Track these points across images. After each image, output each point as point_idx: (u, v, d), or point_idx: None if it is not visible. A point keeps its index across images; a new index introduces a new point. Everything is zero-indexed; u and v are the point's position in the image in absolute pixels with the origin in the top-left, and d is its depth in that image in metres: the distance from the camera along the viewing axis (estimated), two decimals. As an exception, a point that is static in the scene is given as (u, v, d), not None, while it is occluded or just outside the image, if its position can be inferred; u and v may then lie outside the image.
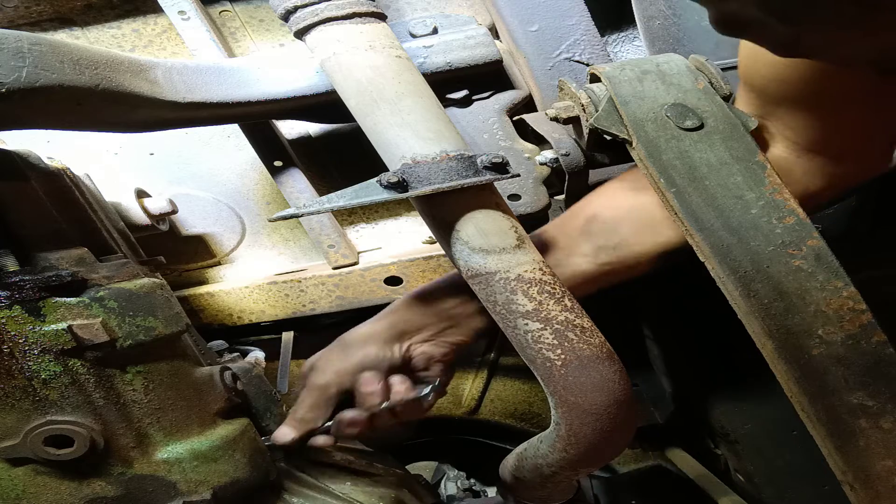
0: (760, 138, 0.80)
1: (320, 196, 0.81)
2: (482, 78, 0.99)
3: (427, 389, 0.78)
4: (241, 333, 1.14)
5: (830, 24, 0.47)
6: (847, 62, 0.61)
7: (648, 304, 1.18)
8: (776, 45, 0.54)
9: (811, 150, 0.78)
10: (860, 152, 0.80)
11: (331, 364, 0.79)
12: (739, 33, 0.53)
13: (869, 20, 0.46)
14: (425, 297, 0.81)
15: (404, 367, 0.80)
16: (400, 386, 0.78)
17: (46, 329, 0.63)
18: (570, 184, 0.93)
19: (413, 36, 0.97)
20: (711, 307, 0.76)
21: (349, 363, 0.78)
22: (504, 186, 0.93)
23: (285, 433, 0.79)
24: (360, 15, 0.74)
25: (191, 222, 1.18)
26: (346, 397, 0.80)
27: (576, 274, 0.82)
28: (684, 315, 1.11)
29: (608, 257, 0.82)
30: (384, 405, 0.77)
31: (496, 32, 1.07)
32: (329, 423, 0.79)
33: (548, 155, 0.94)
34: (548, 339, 0.67)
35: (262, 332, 1.16)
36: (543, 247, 0.81)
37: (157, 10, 1.04)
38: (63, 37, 1.08)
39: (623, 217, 0.82)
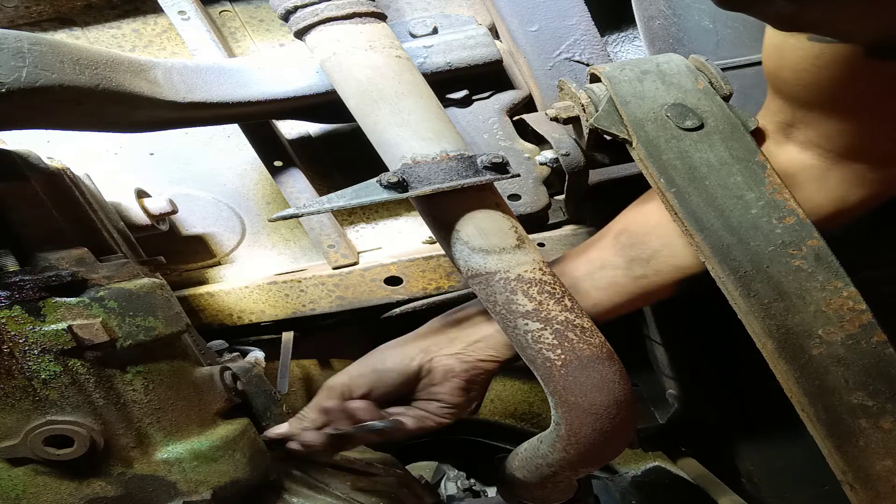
0: (791, 148, 0.77)
1: (320, 196, 0.81)
2: (482, 78, 0.99)
3: (380, 424, 0.75)
4: (241, 333, 1.14)
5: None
6: (850, 38, 0.60)
7: (650, 305, 1.18)
8: (778, 20, 0.53)
9: (847, 156, 0.75)
10: None
11: (350, 368, 0.80)
12: (741, 7, 0.52)
13: None
14: (458, 315, 0.80)
15: (420, 380, 0.79)
16: (362, 412, 0.77)
17: (46, 329, 0.63)
18: (570, 184, 0.93)
19: (413, 36, 0.97)
20: (711, 307, 0.76)
21: (364, 368, 0.79)
22: (504, 186, 0.93)
23: (276, 428, 0.80)
24: (360, 15, 0.74)
25: (191, 222, 1.18)
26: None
27: (612, 287, 0.79)
28: (684, 315, 1.11)
29: (643, 270, 0.79)
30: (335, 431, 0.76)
31: (496, 32, 1.07)
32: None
33: (548, 155, 0.94)
34: (548, 339, 0.67)
35: (262, 332, 1.16)
36: (574, 263, 0.80)
37: (157, 10, 1.04)
38: (63, 37, 1.08)
39: (652, 229, 0.79)
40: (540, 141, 0.98)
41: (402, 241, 1.17)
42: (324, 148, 1.14)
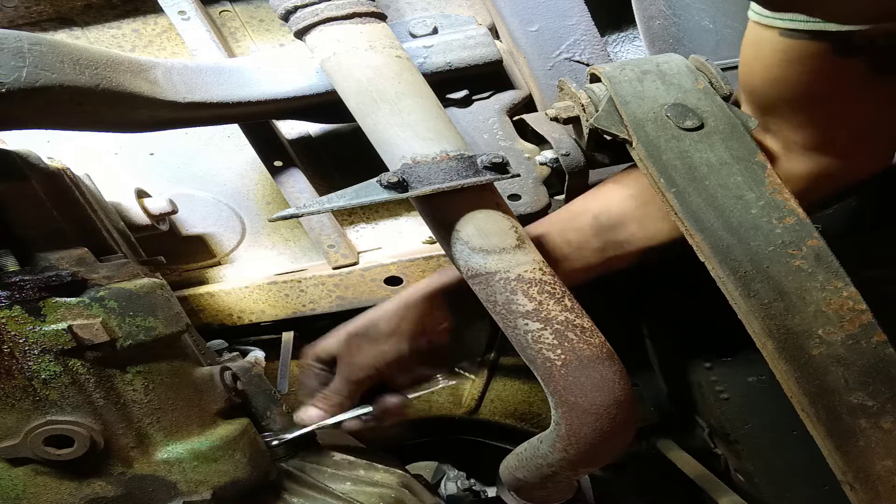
0: (761, 140, 0.80)
1: (320, 196, 0.81)
2: (482, 78, 0.99)
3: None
4: (241, 333, 1.14)
5: None
6: (842, 19, 0.61)
7: (648, 305, 1.18)
8: (769, 1, 0.53)
9: (812, 149, 0.78)
10: (861, 150, 0.80)
11: (369, 358, 0.81)
12: None
13: None
14: (445, 291, 0.82)
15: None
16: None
17: (46, 329, 0.63)
18: (570, 184, 0.93)
19: (413, 36, 0.97)
20: (711, 307, 0.76)
21: (385, 359, 0.81)
22: (504, 186, 0.93)
23: (316, 414, 0.82)
24: (360, 15, 0.74)
25: (191, 222, 1.17)
26: None
27: (581, 268, 0.83)
28: (684, 315, 1.11)
29: (615, 251, 0.84)
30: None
31: (496, 32, 1.07)
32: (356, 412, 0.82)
33: (548, 155, 0.94)
34: (548, 339, 0.67)
35: (262, 332, 1.16)
36: (552, 243, 0.83)
37: (157, 10, 1.04)
38: (63, 37, 1.08)
39: (631, 212, 0.83)
40: (540, 141, 0.98)
41: (402, 241, 1.17)
42: (324, 148, 1.14)
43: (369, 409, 0.83)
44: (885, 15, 0.55)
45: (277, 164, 1.07)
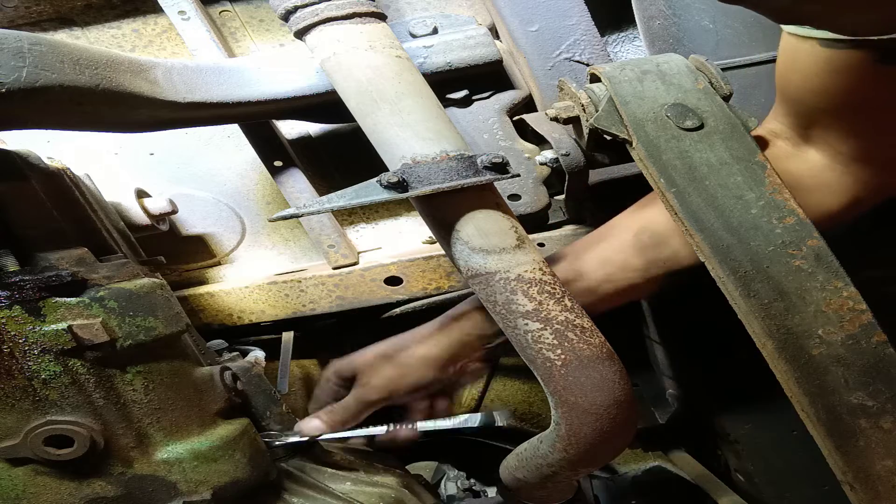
0: (803, 149, 0.79)
1: (320, 196, 0.81)
2: (482, 78, 0.99)
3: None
4: (241, 333, 1.14)
5: None
6: (847, 32, 0.60)
7: (649, 304, 1.18)
8: (776, 13, 0.53)
9: (860, 159, 0.76)
10: None
11: (385, 381, 0.80)
12: (740, 1, 0.52)
13: None
14: (478, 318, 0.81)
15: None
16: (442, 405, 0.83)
17: (46, 329, 0.63)
18: (570, 184, 0.93)
19: (413, 36, 0.97)
20: (711, 307, 0.76)
21: (404, 385, 0.80)
22: (504, 186, 0.93)
23: (314, 426, 0.81)
24: (360, 15, 0.74)
25: (191, 222, 1.17)
26: None
27: (627, 288, 0.81)
28: (685, 315, 1.11)
29: (658, 270, 0.81)
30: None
31: (496, 32, 1.07)
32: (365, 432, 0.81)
33: (548, 155, 0.94)
34: (548, 339, 0.67)
35: (262, 332, 1.16)
36: (589, 264, 0.81)
37: (157, 10, 1.04)
38: (63, 37, 1.08)
39: (673, 229, 0.80)
40: (540, 141, 0.98)
41: (402, 241, 1.17)
42: (324, 148, 1.14)
43: (380, 432, 0.80)
44: (893, 27, 0.55)
45: (277, 164, 1.07)
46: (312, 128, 1.14)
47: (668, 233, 0.80)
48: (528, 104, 1.04)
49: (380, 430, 0.80)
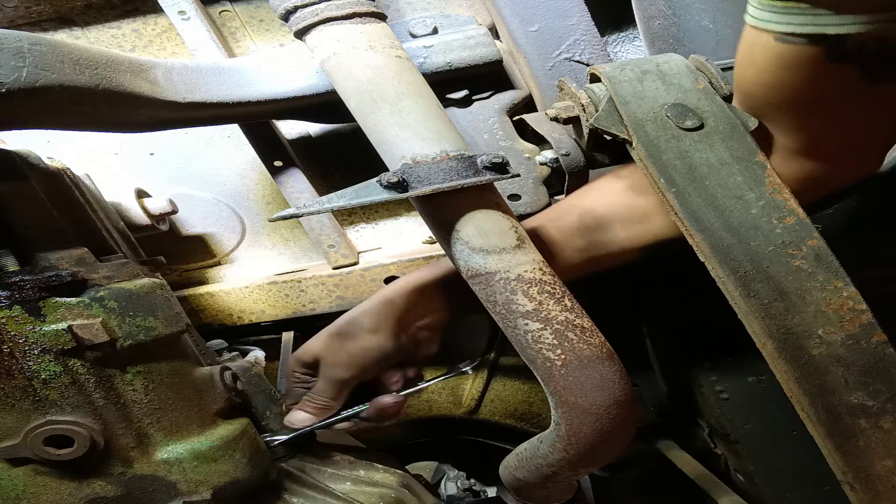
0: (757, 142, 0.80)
1: (320, 196, 0.81)
2: (482, 78, 0.99)
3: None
4: (241, 333, 1.14)
5: None
6: (846, 8, 0.61)
7: (649, 304, 1.18)
8: None
9: (801, 153, 0.79)
10: (849, 155, 0.80)
11: (347, 356, 0.81)
12: None
13: None
14: (428, 286, 0.82)
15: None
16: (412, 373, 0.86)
17: (46, 329, 0.63)
18: (570, 184, 0.93)
19: (413, 36, 0.97)
20: (711, 307, 0.76)
21: (368, 357, 0.80)
22: (504, 186, 0.93)
23: (303, 418, 0.82)
24: (360, 15, 0.74)
25: (191, 222, 1.17)
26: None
27: (565, 267, 0.83)
28: (684, 315, 1.11)
29: (598, 251, 0.85)
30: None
31: (496, 32, 1.07)
32: (349, 412, 0.83)
33: (548, 155, 0.94)
34: (548, 339, 0.67)
35: (262, 332, 1.16)
36: (538, 239, 0.83)
37: (157, 10, 1.04)
38: (63, 37, 1.08)
39: (615, 213, 0.84)
40: (540, 141, 0.98)
41: (402, 241, 1.17)
42: (324, 148, 1.14)
43: (364, 407, 0.83)
44: (888, 5, 0.56)
45: (277, 164, 1.07)
46: (312, 128, 1.14)
47: (610, 216, 0.84)
48: (528, 104, 1.04)
49: (361, 408, 0.83)
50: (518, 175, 0.76)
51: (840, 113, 0.74)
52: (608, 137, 0.77)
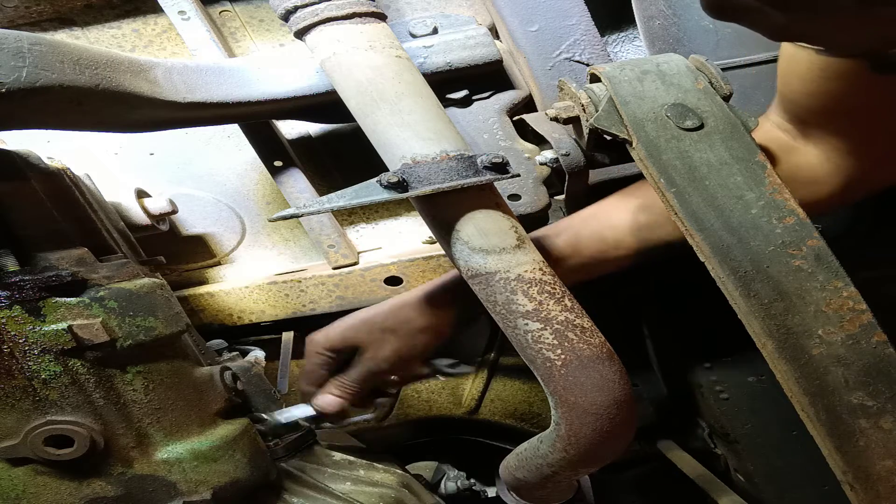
0: (801, 143, 0.83)
1: (320, 196, 0.81)
2: (482, 78, 0.99)
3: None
4: (241, 333, 1.14)
5: (826, 14, 0.48)
6: (841, 51, 0.62)
7: (648, 305, 1.18)
8: (771, 31, 0.55)
9: (849, 155, 0.81)
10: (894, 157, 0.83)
11: (393, 353, 0.82)
12: (732, 18, 0.54)
13: (866, 13, 0.46)
14: (449, 290, 0.84)
15: None
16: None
17: (46, 329, 0.63)
18: (570, 184, 0.93)
19: (413, 36, 0.97)
20: (711, 307, 0.76)
21: (413, 354, 0.83)
22: (504, 186, 0.93)
23: (333, 401, 0.83)
24: (360, 15, 0.74)
25: (191, 222, 1.18)
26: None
27: (613, 265, 0.87)
28: (684, 315, 1.11)
29: (647, 251, 0.86)
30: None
31: (496, 32, 1.07)
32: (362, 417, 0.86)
33: (548, 155, 0.94)
34: (548, 339, 0.67)
35: (262, 332, 1.16)
36: (591, 240, 0.87)
37: (157, 10, 1.04)
38: (63, 37, 1.08)
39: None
40: (540, 141, 0.98)
41: (402, 241, 1.17)
42: (324, 148, 1.14)
43: (369, 416, 0.85)
44: (885, 46, 0.58)
45: (277, 164, 1.07)
46: (312, 128, 1.14)
47: (663, 217, 0.84)
48: (528, 104, 1.04)
49: (368, 416, 0.86)
50: (518, 175, 0.76)
51: (885, 118, 0.76)
52: (608, 137, 0.77)
